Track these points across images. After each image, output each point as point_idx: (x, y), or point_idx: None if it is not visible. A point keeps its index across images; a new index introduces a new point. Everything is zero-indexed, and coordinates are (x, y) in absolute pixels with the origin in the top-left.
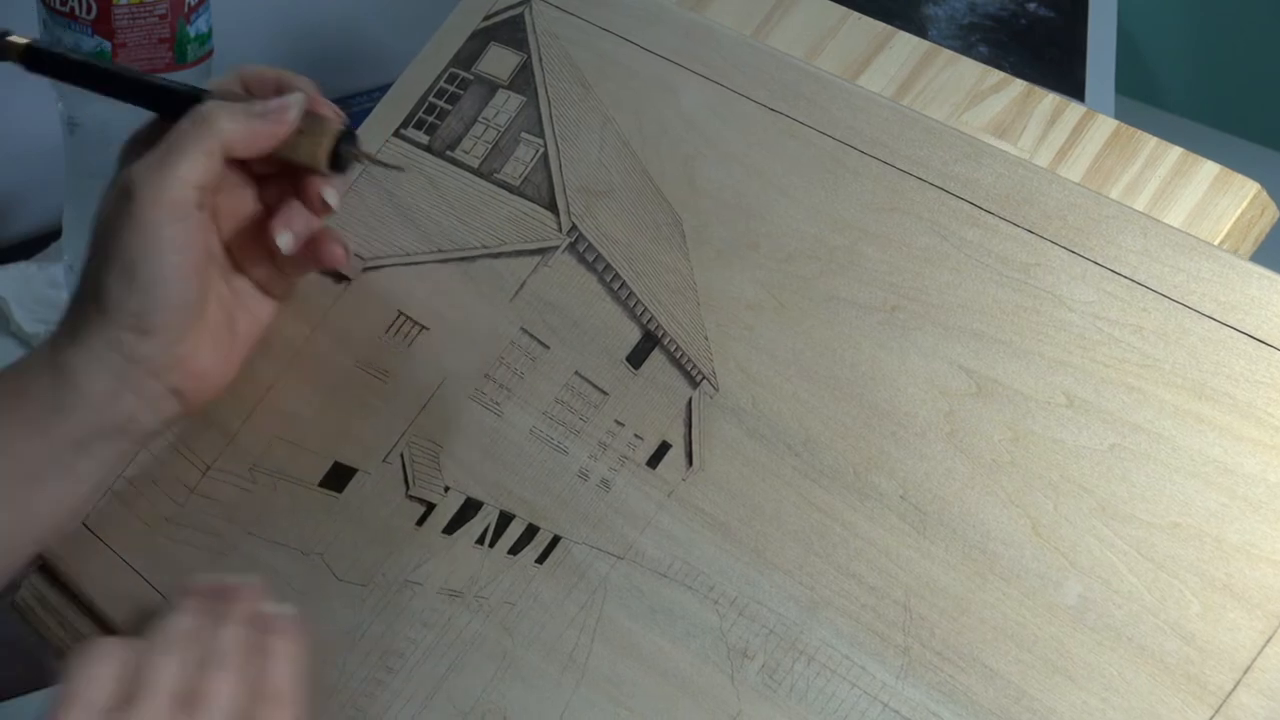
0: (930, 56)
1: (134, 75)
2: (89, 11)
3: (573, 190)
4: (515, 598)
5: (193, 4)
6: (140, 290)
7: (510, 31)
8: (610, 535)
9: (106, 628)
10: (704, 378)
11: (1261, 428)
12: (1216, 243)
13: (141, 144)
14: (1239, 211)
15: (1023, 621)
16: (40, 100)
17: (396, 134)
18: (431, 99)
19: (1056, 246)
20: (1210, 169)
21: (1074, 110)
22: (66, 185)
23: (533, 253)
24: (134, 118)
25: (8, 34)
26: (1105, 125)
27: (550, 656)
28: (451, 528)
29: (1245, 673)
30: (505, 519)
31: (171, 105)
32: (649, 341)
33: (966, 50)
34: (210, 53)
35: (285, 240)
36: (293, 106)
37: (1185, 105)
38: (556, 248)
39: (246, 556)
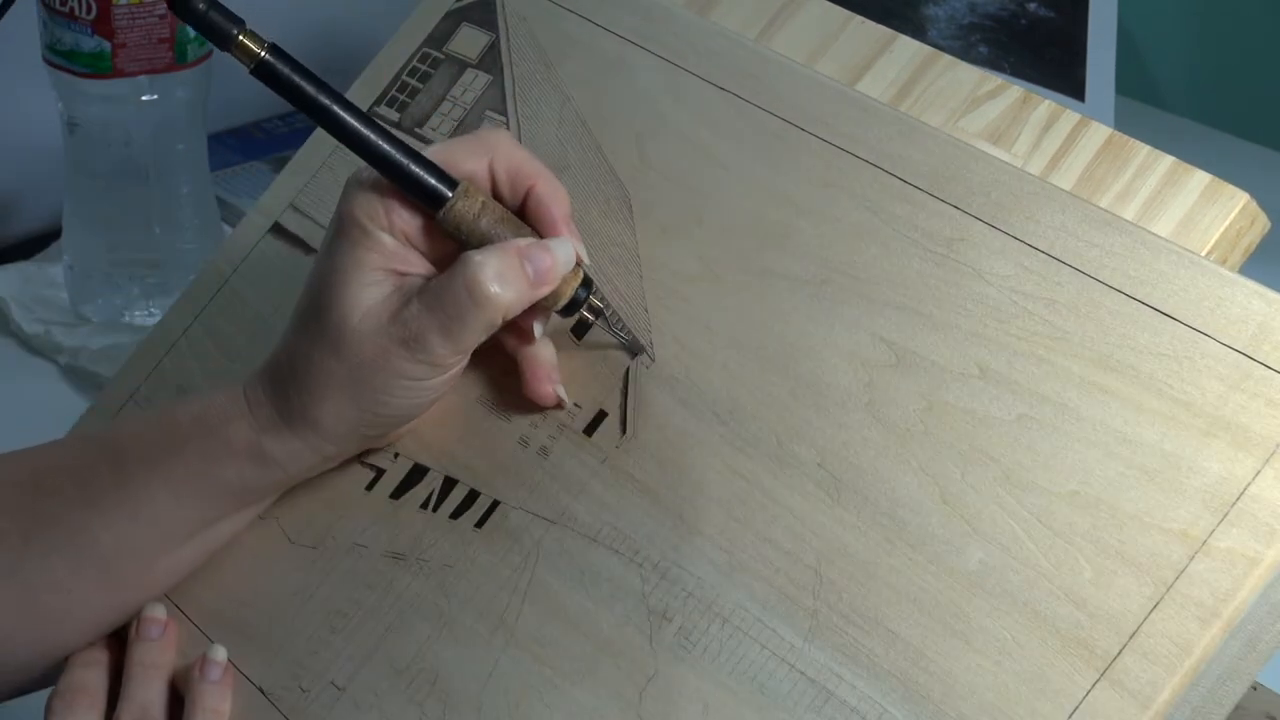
0: (930, 61)
1: (380, 140)
2: (89, 11)
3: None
4: (454, 560)
5: None
6: (396, 421)
7: (481, 12)
8: (546, 501)
9: None
10: (642, 348)
11: (1161, 398)
12: (1204, 253)
13: (370, 192)
14: (1228, 221)
15: (925, 586)
16: (40, 100)
17: (369, 111)
18: (404, 77)
19: (979, 222)
20: (1201, 179)
21: (1069, 118)
22: (66, 185)
23: None
24: (133, 121)
25: (243, 29)
26: (1099, 133)
27: (483, 618)
28: (399, 492)
29: (1131, 637)
30: (449, 484)
31: (412, 182)
32: (592, 313)
33: (967, 50)
34: (210, 53)
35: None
36: (563, 269)
37: (1185, 105)
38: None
39: None
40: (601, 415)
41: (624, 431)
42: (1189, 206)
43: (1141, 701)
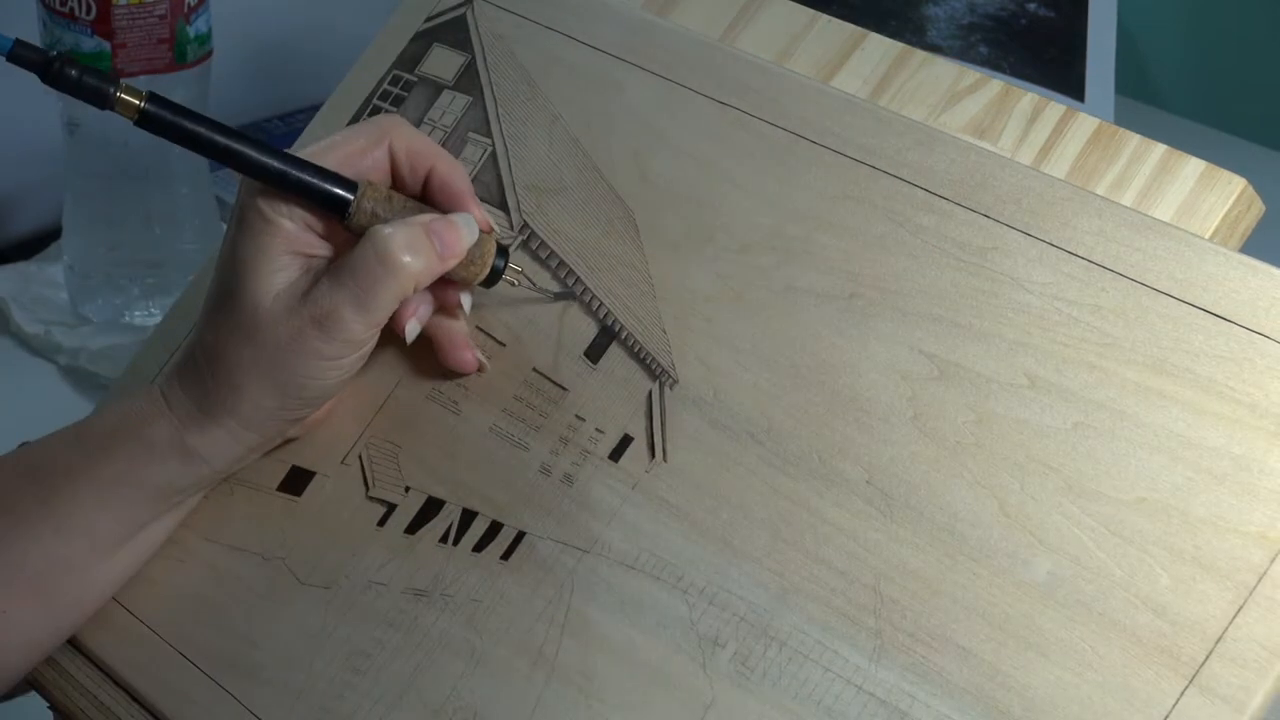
0: (904, 58)
1: (273, 161)
2: (89, 12)
3: (522, 188)
4: (481, 595)
5: (192, 4)
6: (311, 403)
7: (453, 32)
8: (575, 529)
9: (75, 645)
10: (663, 370)
11: (1223, 401)
12: (1205, 238)
13: (269, 199)
14: (1227, 207)
15: (993, 600)
16: (40, 100)
17: None
18: (376, 101)
19: (1012, 230)
20: (1196, 165)
21: (1054, 109)
22: (66, 185)
23: None
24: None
25: (120, 87)
26: (1087, 123)
27: (519, 652)
28: (414, 527)
29: (1217, 643)
30: (468, 517)
31: (315, 193)
32: (606, 336)
33: (966, 50)
34: (210, 53)
35: (413, 332)
36: (468, 241)
37: (1185, 105)
38: (508, 246)
39: (207, 563)
40: (627, 440)
41: (653, 455)
42: (1186, 193)
43: (1235, 707)
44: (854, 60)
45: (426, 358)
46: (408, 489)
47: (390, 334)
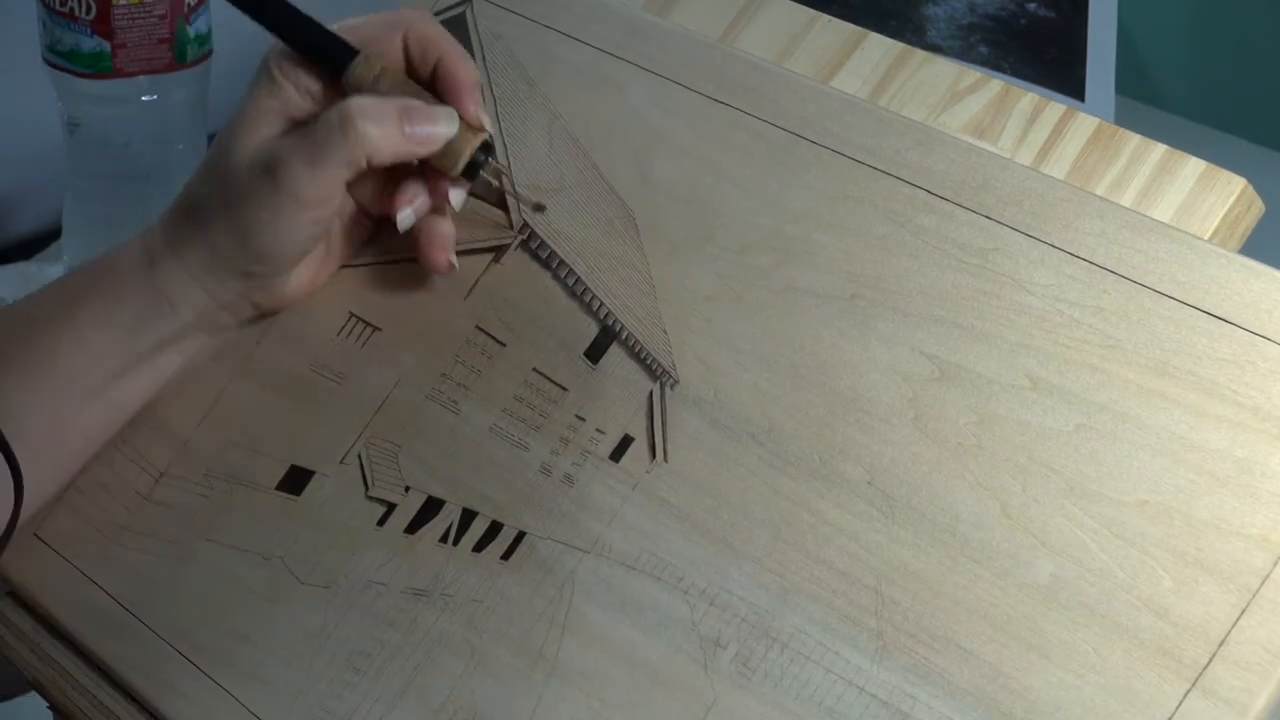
0: (904, 57)
1: (285, 10)
2: (88, 11)
3: (522, 188)
4: (482, 595)
5: (192, 4)
6: (258, 257)
7: (453, 31)
8: (576, 530)
9: (75, 645)
10: (664, 370)
11: (1226, 404)
12: (1205, 238)
13: (287, 54)
14: (1227, 207)
15: (995, 602)
16: (40, 100)
17: None
18: None
19: (1013, 231)
20: (1196, 165)
21: (1054, 109)
22: (67, 185)
23: (485, 251)
24: (133, 121)
25: None
26: (1087, 123)
27: (520, 652)
28: (413, 527)
29: (1220, 645)
30: (468, 517)
31: (316, 51)
32: (606, 336)
33: (967, 50)
34: (210, 53)
35: (405, 219)
36: (443, 134)
37: (1185, 105)
38: (508, 245)
39: (205, 563)
40: (628, 440)
41: (654, 456)
42: (1186, 193)
43: (1237, 710)
44: (854, 60)
45: (426, 357)
46: (407, 489)
47: (388, 323)
